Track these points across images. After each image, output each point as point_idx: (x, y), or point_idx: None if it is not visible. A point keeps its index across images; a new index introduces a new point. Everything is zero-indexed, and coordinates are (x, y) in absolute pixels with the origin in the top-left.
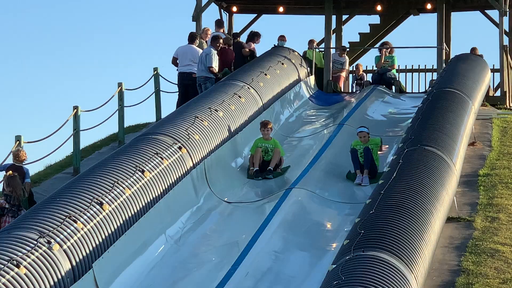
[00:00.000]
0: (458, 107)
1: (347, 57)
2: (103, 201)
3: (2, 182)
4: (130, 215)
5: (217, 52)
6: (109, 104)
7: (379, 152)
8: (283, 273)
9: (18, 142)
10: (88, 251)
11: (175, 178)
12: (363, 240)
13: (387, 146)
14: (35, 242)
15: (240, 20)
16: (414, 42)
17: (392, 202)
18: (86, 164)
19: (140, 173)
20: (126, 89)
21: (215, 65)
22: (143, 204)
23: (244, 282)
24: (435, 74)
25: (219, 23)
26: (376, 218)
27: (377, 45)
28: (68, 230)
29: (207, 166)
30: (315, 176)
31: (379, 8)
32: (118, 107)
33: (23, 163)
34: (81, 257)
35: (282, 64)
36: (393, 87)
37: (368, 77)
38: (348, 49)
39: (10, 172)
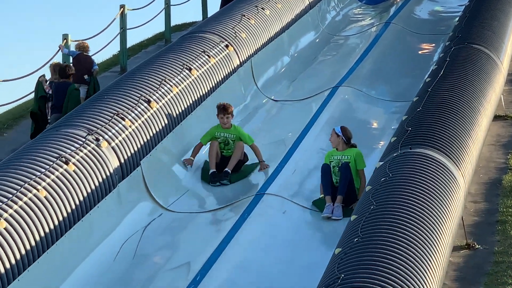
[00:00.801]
0: (505, 5)
1: None
2: (151, 99)
3: (50, 69)
4: (177, 112)
5: None
6: (155, 3)
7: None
8: None
9: (65, 40)
10: (136, 149)
11: (222, 76)
12: (410, 137)
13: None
14: (84, 140)
15: None
16: None
17: (439, 100)
18: (132, 63)
19: (187, 71)
20: None
21: None
22: (190, 102)
23: (291, 179)
24: None
25: None
26: (423, 116)
27: None
28: (116, 128)
29: (254, 64)
30: (362, 74)
31: None
32: (164, 5)
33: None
34: (129, 154)
35: None
36: None
37: None
38: None
39: (55, 62)
